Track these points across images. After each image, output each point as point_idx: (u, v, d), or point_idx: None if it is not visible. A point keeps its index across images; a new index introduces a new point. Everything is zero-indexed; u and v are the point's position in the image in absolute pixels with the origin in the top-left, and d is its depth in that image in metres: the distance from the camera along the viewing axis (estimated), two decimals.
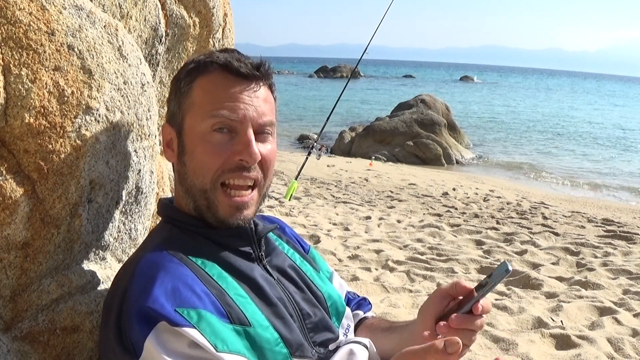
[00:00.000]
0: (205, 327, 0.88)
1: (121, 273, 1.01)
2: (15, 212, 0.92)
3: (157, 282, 0.91)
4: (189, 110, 1.03)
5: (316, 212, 6.48)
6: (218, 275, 0.98)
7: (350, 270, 4.21)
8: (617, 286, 4.22)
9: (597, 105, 39.19)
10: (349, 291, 1.35)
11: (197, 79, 1.03)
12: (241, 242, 1.06)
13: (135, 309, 0.89)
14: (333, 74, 56.49)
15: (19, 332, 0.98)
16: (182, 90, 1.04)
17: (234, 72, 1.02)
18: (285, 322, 1.01)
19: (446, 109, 15.52)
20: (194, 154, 1.02)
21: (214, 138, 1.00)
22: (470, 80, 67.29)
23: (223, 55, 1.04)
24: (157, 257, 0.97)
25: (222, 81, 1.02)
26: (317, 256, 1.30)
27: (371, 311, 1.35)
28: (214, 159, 1.00)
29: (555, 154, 16.12)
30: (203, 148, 1.01)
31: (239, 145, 1.00)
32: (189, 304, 0.89)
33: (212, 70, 1.02)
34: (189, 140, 1.03)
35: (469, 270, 4.48)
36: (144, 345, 0.86)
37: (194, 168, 1.02)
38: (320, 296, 1.15)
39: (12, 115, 0.91)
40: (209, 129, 1.00)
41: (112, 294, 0.98)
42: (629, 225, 6.83)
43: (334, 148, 14.72)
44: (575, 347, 3.04)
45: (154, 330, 0.86)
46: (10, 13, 0.91)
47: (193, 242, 1.02)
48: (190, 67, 1.05)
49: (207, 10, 1.59)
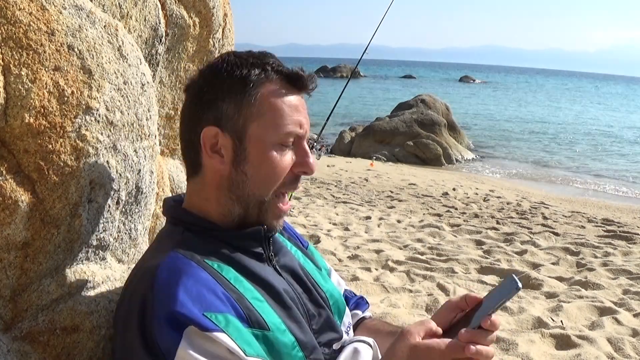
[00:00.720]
0: (233, 331, 0.87)
1: (135, 280, 0.99)
2: (15, 212, 0.92)
3: (180, 287, 0.89)
4: (255, 119, 1.01)
5: (316, 212, 6.48)
6: (235, 279, 0.97)
7: (350, 270, 4.22)
8: (617, 286, 4.23)
9: (597, 105, 39.17)
10: (346, 289, 1.35)
11: (264, 85, 1.01)
12: (254, 243, 1.05)
13: (163, 313, 0.87)
14: (333, 74, 56.52)
15: (19, 332, 0.98)
16: (245, 95, 1.01)
17: (297, 85, 1.04)
18: (301, 325, 1.00)
19: (446, 109, 15.53)
20: (261, 166, 1.01)
21: (281, 152, 1.01)
22: (470, 81, 67.31)
23: (276, 62, 1.04)
24: (176, 262, 0.95)
25: (286, 93, 1.03)
26: (316, 253, 1.30)
27: (369, 310, 1.35)
28: (281, 172, 1.02)
29: (555, 154, 16.12)
30: (272, 162, 1.01)
31: (301, 158, 1.04)
32: (215, 308, 0.89)
33: (276, 78, 1.02)
34: (255, 151, 1.01)
35: (469, 270, 4.48)
36: (177, 352, 0.85)
37: (259, 179, 1.01)
38: (324, 296, 1.15)
39: (12, 115, 0.91)
40: (277, 142, 1.01)
41: (129, 302, 0.95)
42: (629, 225, 6.83)
43: (334, 148, 14.72)
44: (575, 347, 3.04)
45: (184, 336, 0.85)
46: (10, 13, 0.91)
47: (207, 246, 1.01)
48: (256, 72, 1.01)
49: (207, 10, 1.59)
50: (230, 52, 1.08)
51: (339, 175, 10.04)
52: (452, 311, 1.01)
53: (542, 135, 20.05)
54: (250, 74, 1.01)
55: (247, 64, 1.02)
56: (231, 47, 1.81)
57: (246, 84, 1.00)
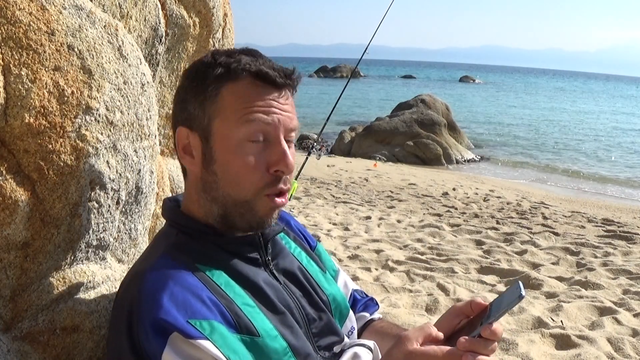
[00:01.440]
0: (218, 339, 0.87)
1: (127, 282, 0.99)
2: (15, 212, 0.92)
3: (166, 292, 0.89)
4: (217, 114, 0.98)
5: (316, 212, 6.48)
6: (226, 284, 0.96)
7: (350, 270, 4.22)
8: (617, 286, 4.22)
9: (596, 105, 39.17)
10: (356, 289, 1.32)
11: (226, 84, 0.99)
12: (250, 248, 1.04)
13: (149, 320, 0.87)
14: (333, 74, 56.54)
15: (19, 332, 0.98)
16: (207, 94, 0.99)
17: (267, 82, 0.99)
18: (294, 331, 0.99)
19: (446, 109, 15.53)
20: (229, 165, 0.98)
21: (250, 149, 0.97)
22: (470, 81, 67.29)
23: (252, 61, 1.00)
24: (164, 266, 0.95)
25: (255, 89, 0.98)
26: (324, 253, 1.28)
27: (378, 312, 1.33)
28: (253, 173, 0.98)
29: (555, 154, 16.12)
30: (239, 160, 0.97)
31: (275, 156, 0.98)
32: (200, 315, 0.88)
33: (242, 77, 0.98)
34: (221, 149, 0.98)
35: (469, 270, 4.48)
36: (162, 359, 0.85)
37: (229, 179, 0.99)
38: (326, 300, 1.13)
39: (12, 115, 0.91)
40: (243, 139, 0.97)
41: (120, 305, 0.96)
42: (629, 225, 6.83)
43: (334, 148, 14.73)
44: (575, 347, 3.04)
45: (169, 342, 0.85)
46: (10, 13, 0.91)
47: (201, 250, 1.00)
48: (218, 72, 0.99)
49: (207, 10, 1.59)
50: (211, 52, 1.05)
51: (339, 175, 10.04)
52: (456, 317, 0.98)
53: (543, 135, 20.05)
54: (213, 73, 0.99)
55: (215, 63, 1.00)
56: (231, 47, 1.81)
57: (209, 84, 0.99)
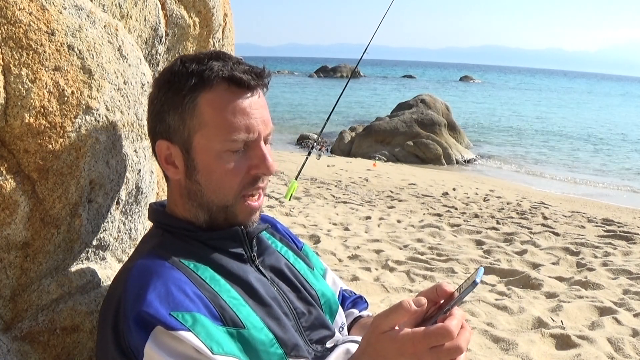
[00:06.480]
0: (200, 330, 0.88)
1: (116, 280, 1.02)
2: (15, 212, 0.92)
3: (150, 287, 0.91)
4: (198, 129, 0.99)
5: (316, 212, 6.48)
6: (210, 278, 0.98)
7: (350, 270, 4.22)
8: (617, 286, 4.23)
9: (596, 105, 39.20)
10: (345, 289, 1.34)
11: (201, 94, 0.99)
12: (233, 243, 1.06)
13: (132, 314, 0.89)
14: (333, 74, 56.52)
15: (19, 332, 0.98)
16: (185, 107, 1.00)
17: (241, 86, 1.00)
18: (280, 323, 1.01)
19: (446, 109, 15.52)
20: (212, 175, 1.01)
21: (230, 157, 1.00)
22: (470, 80, 67.30)
23: (223, 66, 1.00)
24: (149, 263, 0.97)
25: (229, 96, 0.99)
26: (311, 253, 1.30)
27: (367, 310, 1.34)
28: (233, 178, 1.01)
29: (556, 153, 16.12)
30: (221, 168, 1.00)
31: (255, 160, 1.02)
32: (183, 307, 0.90)
33: (216, 84, 0.99)
34: (203, 160, 1.01)
35: (469, 270, 4.48)
36: (144, 351, 0.87)
37: (213, 187, 1.02)
38: (314, 294, 1.15)
39: (12, 115, 0.91)
40: (225, 149, 0.99)
41: (109, 300, 0.98)
42: (629, 225, 6.83)
43: (334, 148, 14.72)
44: (575, 347, 3.04)
45: (151, 335, 0.87)
46: (10, 13, 0.91)
47: (185, 246, 1.03)
48: (192, 82, 0.99)
49: (207, 10, 1.59)
50: (179, 59, 1.04)
51: (339, 175, 10.03)
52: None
53: (543, 135, 20.04)
54: (187, 85, 0.99)
55: (186, 73, 1.00)
56: (231, 47, 1.81)
57: (184, 97, 0.99)
